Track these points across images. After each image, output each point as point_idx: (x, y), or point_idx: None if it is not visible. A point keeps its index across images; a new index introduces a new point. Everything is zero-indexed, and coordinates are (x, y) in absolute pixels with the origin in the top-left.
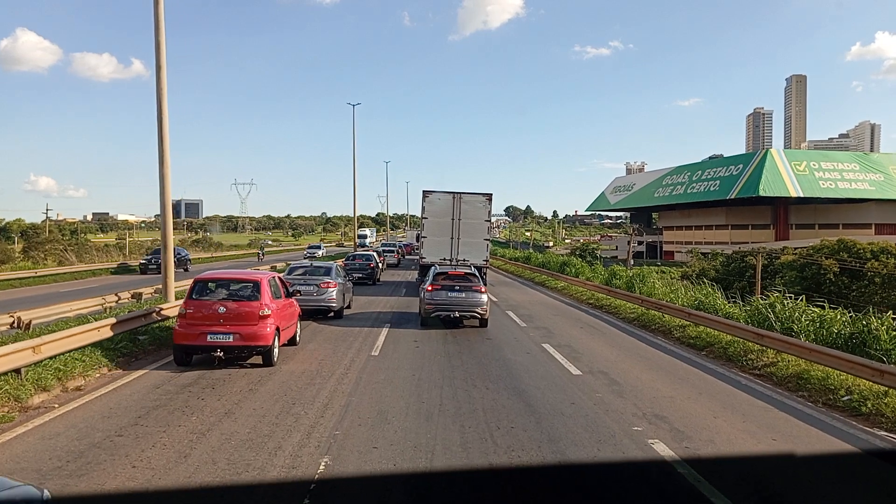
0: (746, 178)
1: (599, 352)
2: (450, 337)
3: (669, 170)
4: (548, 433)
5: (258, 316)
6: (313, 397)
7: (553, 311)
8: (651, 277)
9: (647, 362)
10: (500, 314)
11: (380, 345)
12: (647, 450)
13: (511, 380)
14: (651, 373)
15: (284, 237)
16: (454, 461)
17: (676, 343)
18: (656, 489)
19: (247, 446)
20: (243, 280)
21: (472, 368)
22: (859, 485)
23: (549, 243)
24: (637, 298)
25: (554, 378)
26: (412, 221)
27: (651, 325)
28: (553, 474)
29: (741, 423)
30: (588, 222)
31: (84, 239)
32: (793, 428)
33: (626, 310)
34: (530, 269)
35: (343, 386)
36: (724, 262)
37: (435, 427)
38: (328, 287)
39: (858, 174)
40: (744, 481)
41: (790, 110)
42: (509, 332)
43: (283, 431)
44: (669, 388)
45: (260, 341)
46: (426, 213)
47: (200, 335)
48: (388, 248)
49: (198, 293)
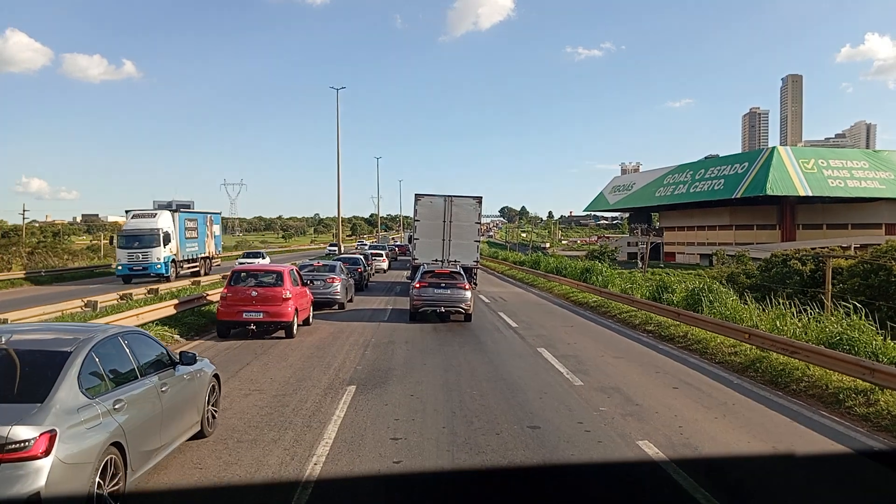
0: (752, 176)
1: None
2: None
3: (671, 168)
4: None
5: (282, 298)
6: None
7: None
8: (717, 295)
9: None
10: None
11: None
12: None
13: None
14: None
15: (275, 239)
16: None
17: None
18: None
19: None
20: (269, 271)
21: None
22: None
23: (546, 244)
24: (730, 329)
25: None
26: (405, 222)
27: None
28: None
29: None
30: (584, 223)
31: (69, 241)
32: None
33: (720, 347)
34: (544, 277)
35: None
36: (763, 267)
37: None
38: (334, 282)
39: (868, 172)
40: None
41: (786, 110)
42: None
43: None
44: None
45: (283, 318)
46: (418, 215)
47: (238, 313)
48: (377, 249)
49: (235, 281)
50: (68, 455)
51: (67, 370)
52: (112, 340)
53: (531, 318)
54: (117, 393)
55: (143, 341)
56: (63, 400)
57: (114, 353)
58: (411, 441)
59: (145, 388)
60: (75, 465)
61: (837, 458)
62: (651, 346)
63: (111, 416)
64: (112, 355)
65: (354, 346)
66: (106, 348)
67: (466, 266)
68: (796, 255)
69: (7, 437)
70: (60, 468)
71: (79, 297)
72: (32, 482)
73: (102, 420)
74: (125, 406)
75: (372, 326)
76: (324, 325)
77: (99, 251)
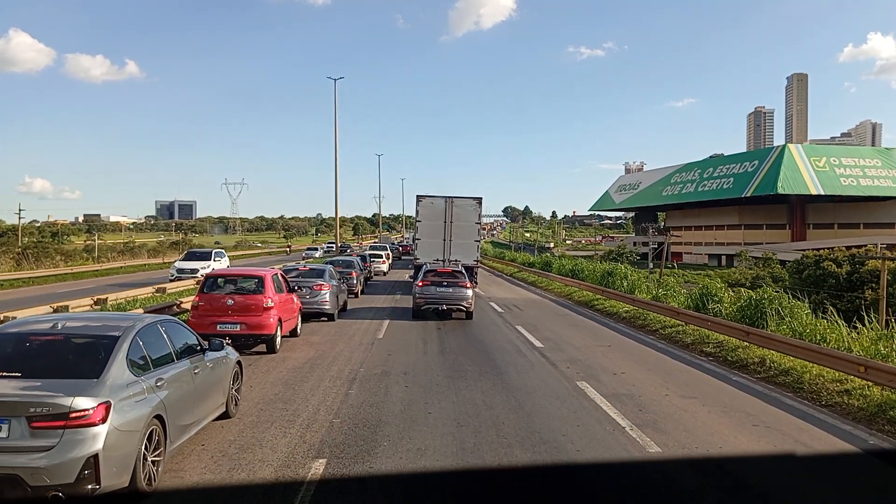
0: (763, 175)
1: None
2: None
3: (678, 167)
4: None
5: (262, 307)
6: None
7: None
8: (783, 305)
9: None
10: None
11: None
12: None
13: None
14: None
15: (276, 238)
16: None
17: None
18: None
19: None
20: (249, 276)
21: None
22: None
23: (551, 244)
24: (830, 357)
25: None
26: (407, 221)
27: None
28: None
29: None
30: (588, 223)
31: (68, 241)
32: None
33: (820, 383)
34: (560, 280)
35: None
36: (794, 269)
37: None
38: (322, 289)
39: (881, 171)
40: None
41: (791, 109)
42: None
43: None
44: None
45: (264, 330)
46: (420, 216)
47: (211, 325)
48: (377, 250)
49: (208, 288)
50: (121, 423)
51: (118, 351)
52: (152, 327)
53: (556, 334)
54: (158, 373)
55: (178, 329)
56: (115, 376)
57: (154, 339)
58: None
59: (181, 370)
60: (126, 433)
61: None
62: (722, 378)
63: (154, 392)
64: (153, 340)
65: (336, 381)
66: (147, 334)
67: (467, 265)
68: (829, 256)
69: (71, 405)
70: (115, 434)
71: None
72: (92, 445)
73: (147, 395)
74: (165, 384)
75: (363, 347)
76: (303, 347)
77: (93, 251)
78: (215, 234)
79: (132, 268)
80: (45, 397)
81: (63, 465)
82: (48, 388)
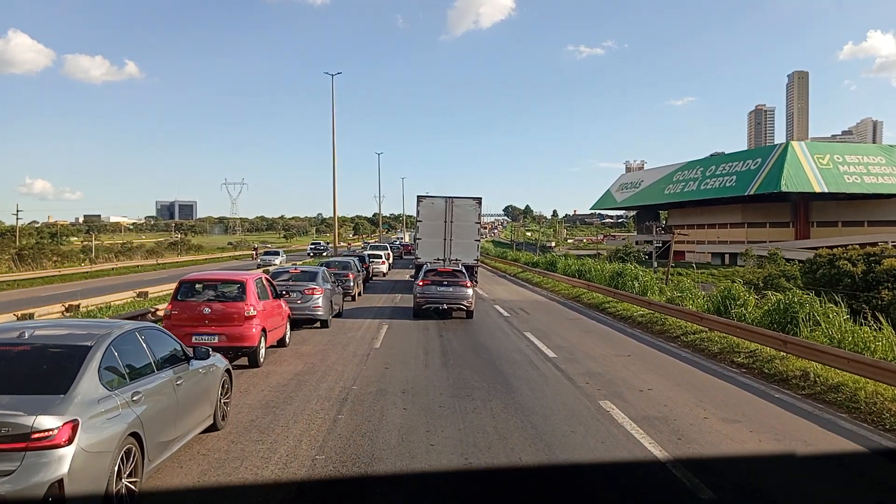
0: (766, 172)
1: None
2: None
3: (680, 165)
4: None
5: (243, 316)
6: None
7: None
8: (815, 310)
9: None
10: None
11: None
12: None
13: None
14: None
15: (276, 238)
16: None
17: None
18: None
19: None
20: (229, 280)
21: None
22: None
23: (552, 243)
24: (888, 371)
25: None
26: (408, 221)
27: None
28: None
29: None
30: (589, 222)
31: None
32: None
33: (880, 402)
34: (566, 281)
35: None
36: (806, 268)
37: None
38: (314, 294)
39: (885, 168)
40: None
41: (792, 107)
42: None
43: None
44: None
45: (245, 342)
46: (420, 216)
47: (185, 336)
48: (377, 250)
49: (183, 294)
50: (90, 444)
51: (88, 363)
52: (129, 335)
53: (569, 342)
54: (135, 385)
55: (159, 336)
56: (84, 391)
57: (131, 348)
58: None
59: (161, 382)
60: (96, 454)
61: None
62: (763, 395)
63: (130, 407)
64: (130, 350)
65: (324, 402)
66: (124, 343)
67: (468, 264)
68: (844, 255)
69: (33, 426)
70: (82, 456)
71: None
72: (56, 469)
73: (121, 411)
74: (143, 398)
75: (357, 359)
76: (290, 359)
77: (90, 252)
78: (215, 234)
79: (125, 269)
80: (4, 416)
81: (24, 492)
82: (8, 407)
